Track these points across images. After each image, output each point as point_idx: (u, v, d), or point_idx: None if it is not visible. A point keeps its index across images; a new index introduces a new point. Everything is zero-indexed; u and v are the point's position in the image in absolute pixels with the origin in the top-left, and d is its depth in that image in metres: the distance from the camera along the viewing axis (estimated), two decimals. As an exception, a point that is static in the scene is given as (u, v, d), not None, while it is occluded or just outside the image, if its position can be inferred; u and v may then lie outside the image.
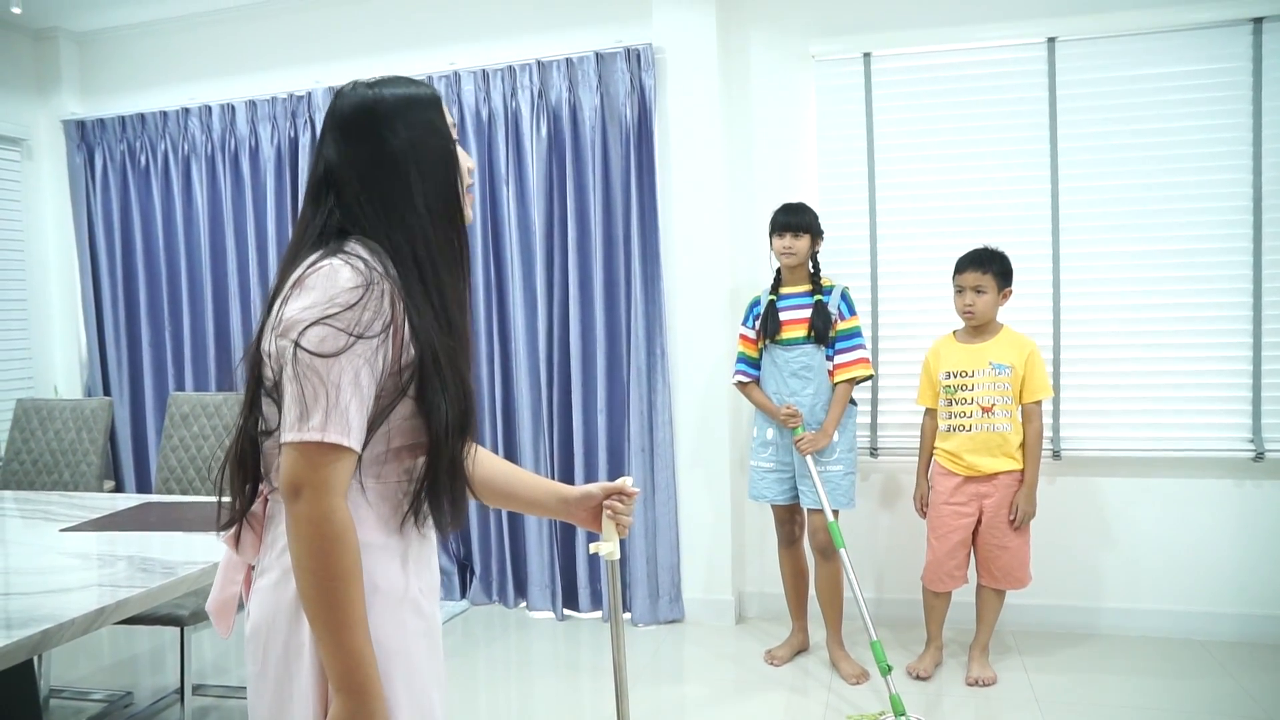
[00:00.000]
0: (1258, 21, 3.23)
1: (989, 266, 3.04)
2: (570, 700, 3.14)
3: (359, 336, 1.10)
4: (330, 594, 1.08)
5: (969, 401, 3.06)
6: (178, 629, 2.60)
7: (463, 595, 4.13)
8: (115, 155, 4.51)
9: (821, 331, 3.17)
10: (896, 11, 3.57)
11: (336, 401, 1.08)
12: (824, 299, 3.20)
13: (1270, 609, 3.35)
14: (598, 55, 3.73)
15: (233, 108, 4.28)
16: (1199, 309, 3.36)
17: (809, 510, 3.22)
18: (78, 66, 4.68)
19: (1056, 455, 3.47)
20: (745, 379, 3.33)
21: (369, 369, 1.12)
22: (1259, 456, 3.30)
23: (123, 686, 3.26)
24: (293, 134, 4.20)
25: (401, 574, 1.21)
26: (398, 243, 1.18)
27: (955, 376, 3.09)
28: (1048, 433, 3.44)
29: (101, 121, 4.51)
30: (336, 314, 1.10)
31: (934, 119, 3.56)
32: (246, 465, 1.21)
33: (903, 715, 2.76)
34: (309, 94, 4.14)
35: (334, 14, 4.24)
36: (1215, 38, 3.28)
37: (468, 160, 1.30)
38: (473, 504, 4.24)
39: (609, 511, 1.46)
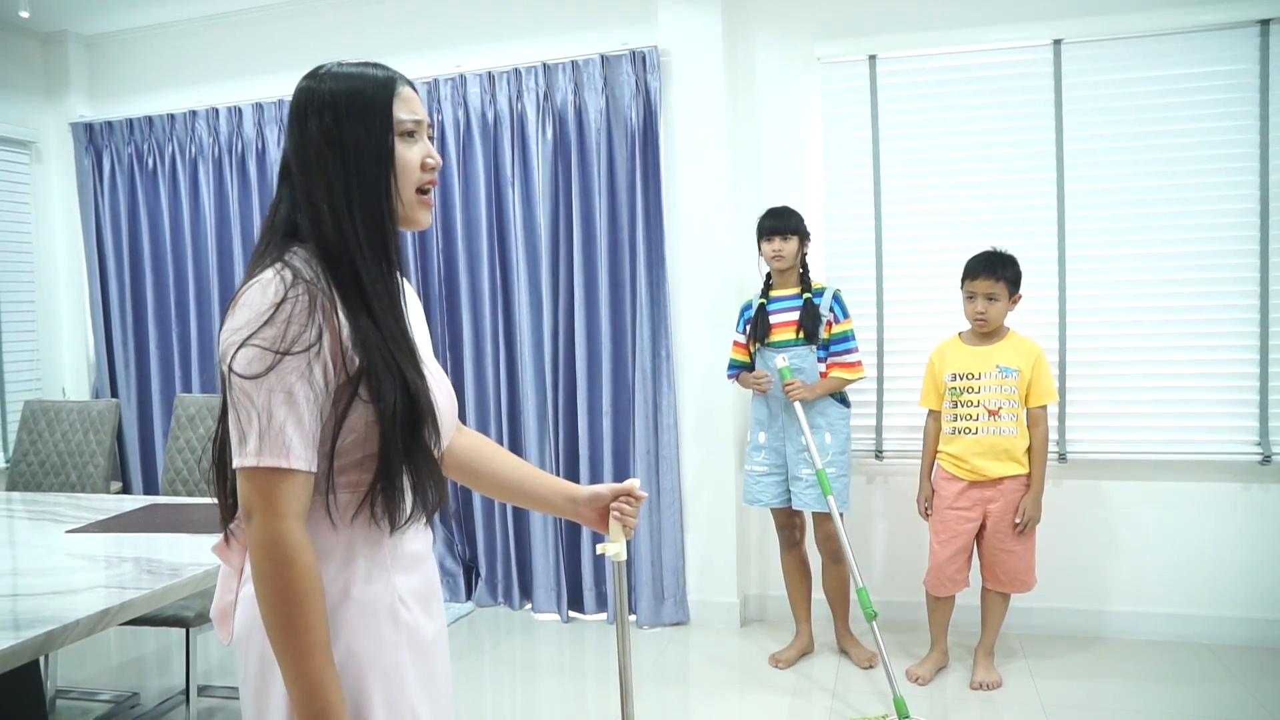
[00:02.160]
0: (1265, 23, 3.22)
1: (1001, 273, 3.02)
2: (575, 702, 3.14)
3: (284, 353, 1.06)
4: (285, 618, 1.06)
5: (975, 405, 3.05)
6: (183, 630, 2.61)
7: (468, 597, 4.13)
8: (123, 158, 4.54)
9: (811, 331, 3.18)
10: (901, 14, 3.56)
11: (269, 424, 1.06)
12: (814, 299, 3.21)
13: (1278, 613, 3.33)
14: (603, 58, 3.74)
15: (239, 110, 4.30)
16: (1205, 311, 3.35)
17: (814, 514, 3.23)
18: (86, 70, 4.70)
19: (1062, 458, 3.46)
20: (734, 373, 3.38)
21: (304, 383, 1.08)
22: (1266, 459, 3.29)
23: (129, 687, 3.28)
24: (299, 137, 4.21)
25: (376, 581, 1.18)
26: (325, 239, 1.14)
27: (961, 379, 3.08)
28: (1053, 435, 3.43)
29: (109, 124, 4.53)
30: (259, 332, 1.07)
31: (939, 121, 3.55)
32: (225, 475, 1.19)
33: (906, 717, 2.75)
34: (315, 97, 4.15)
35: (340, 17, 4.25)
36: (1222, 40, 3.27)
37: (427, 154, 1.22)
38: (479, 506, 4.21)
39: (616, 513, 1.45)
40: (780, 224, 3.23)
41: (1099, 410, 3.46)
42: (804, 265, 3.30)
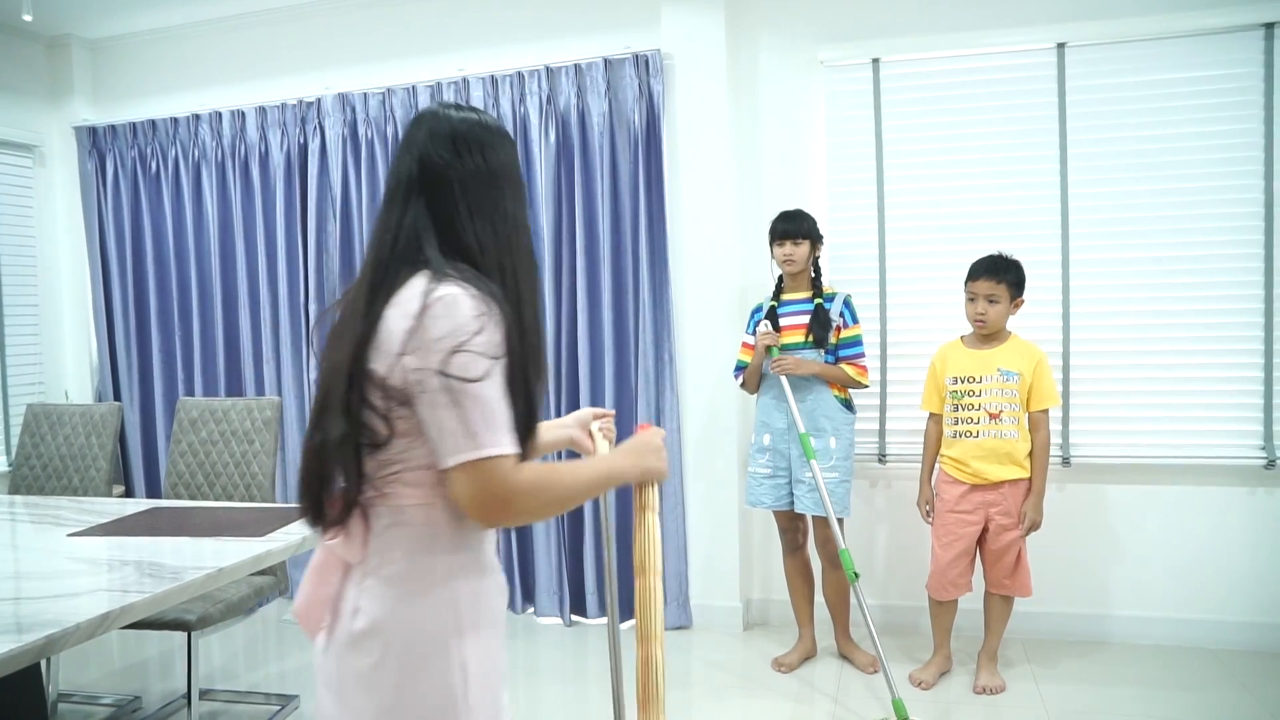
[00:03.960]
0: (1269, 27, 3.21)
1: (1003, 275, 3.02)
2: (578, 706, 3.13)
3: (495, 358, 1.20)
4: (564, 498, 1.29)
5: (976, 408, 3.04)
6: (186, 634, 2.60)
7: (470, 601, 4.12)
8: (126, 162, 4.54)
9: (820, 336, 3.17)
10: (905, 17, 3.56)
11: (494, 416, 1.19)
12: (825, 304, 3.21)
13: (1283, 618, 3.33)
14: (606, 61, 3.74)
15: (243, 114, 4.31)
16: (1209, 315, 3.34)
17: (814, 518, 3.23)
18: (90, 73, 4.71)
19: (1066, 462, 3.45)
20: (740, 372, 3.36)
21: (504, 381, 1.22)
22: (1270, 464, 3.28)
23: (131, 691, 3.27)
24: (302, 140, 4.22)
25: (476, 569, 1.32)
26: (490, 254, 1.29)
27: (962, 382, 3.08)
28: (1057, 439, 3.43)
29: (113, 128, 4.54)
30: (470, 340, 1.18)
31: (943, 125, 3.55)
32: (331, 470, 1.26)
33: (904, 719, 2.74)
34: (318, 100, 4.16)
35: (343, 20, 4.26)
36: (1226, 43, 3.27)
37: None
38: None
39: (600, 428, 1.76)
40: (792, 228, 3.22)
41: (1102, 414, 3.45)
42: (815, 269, 3.29)
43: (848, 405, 3.26)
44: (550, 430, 1.68)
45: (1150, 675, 3.16)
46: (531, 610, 4.01)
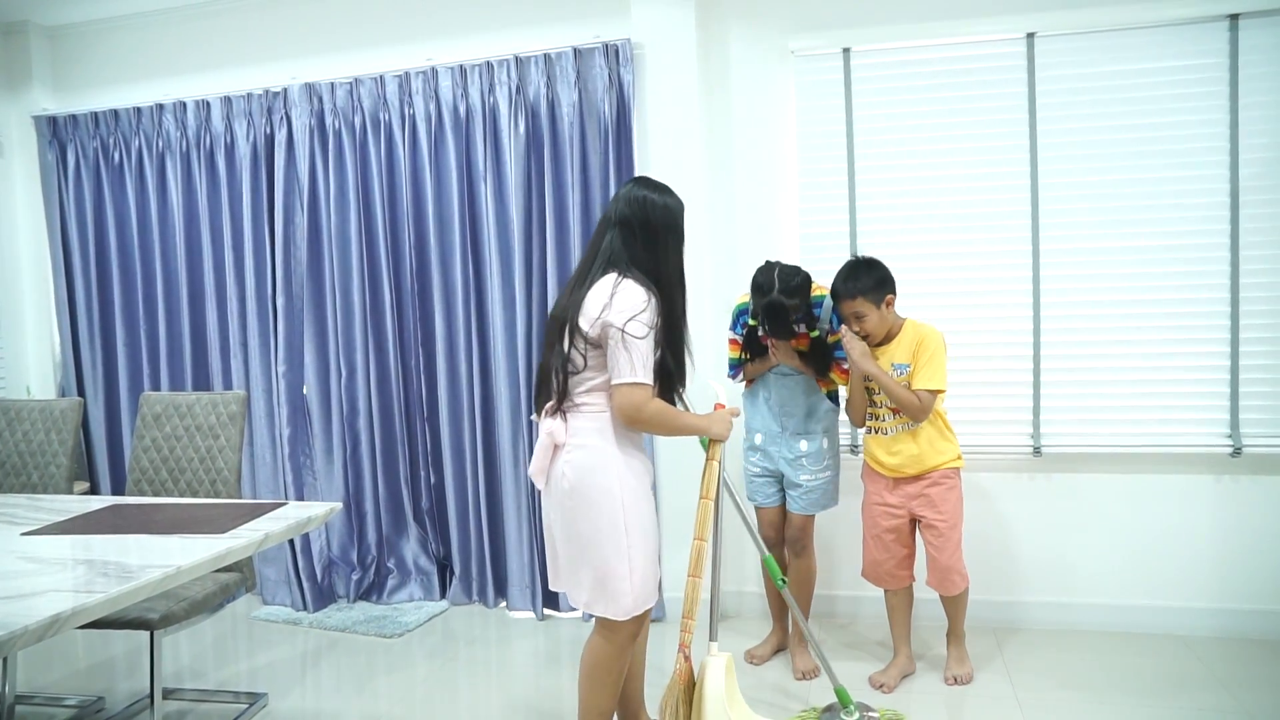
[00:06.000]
0: (1234, 18, 3.23)
1: (855, 288, 2.89)
2: (551, 700, 3.11)
3: (651, 327, 2.15)
4: (669, 425, 2.28)
5: (881, 404, 3.02)
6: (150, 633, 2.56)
7: (442, 595, 4.10)
8: (88, 152, 4.45)
9: (820, 370, 3.09)
10: (876, 6, 3.55)
11: (645, 362, 2.14)
12: (815, 309, 3.02)
13: (1249, 604, 3.36)
14: (576, 51, 3.70)
15: (208, 104, 4.23)
16: (1177, 304, 3.36)
17: (791, 515, 3.20)
18: (49, 61, 4.61)
19: (1037, 452, 3.47)
20: (735, 372, 3.26)
21: (651, 344, 2.15)
22: (1237, 452, 3.31)
23: (95, 691, 3.22)
24: (268, 131, 4.15)
25: (633, 451, 2.28)
26: (656, 273, 2.24)
27: (869, 380, 3.01)
28: (1028, 429, 3.45)
29: (74, 117, 4.45)
30: (640, 314, 2.13)
31: (914, 114, 3.55)
32: (556, 384, 2.23)
33: (848, 706, 2.73)
34: (285, 90, 4.09)
35: (310, 9, 4.19)
36: (1192, 34, 3.28)
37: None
38: (452, 505, 4.13)
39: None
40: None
41: (1072, 404, 3.47)
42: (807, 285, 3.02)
43: (835, 399, 3.22)
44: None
45: (1119, 662, 3.19)
46: (503, 604, 3.99)
